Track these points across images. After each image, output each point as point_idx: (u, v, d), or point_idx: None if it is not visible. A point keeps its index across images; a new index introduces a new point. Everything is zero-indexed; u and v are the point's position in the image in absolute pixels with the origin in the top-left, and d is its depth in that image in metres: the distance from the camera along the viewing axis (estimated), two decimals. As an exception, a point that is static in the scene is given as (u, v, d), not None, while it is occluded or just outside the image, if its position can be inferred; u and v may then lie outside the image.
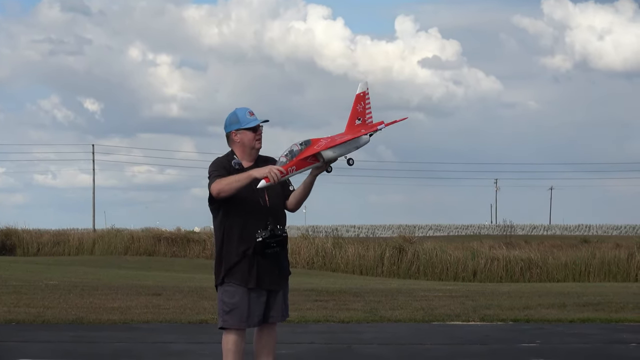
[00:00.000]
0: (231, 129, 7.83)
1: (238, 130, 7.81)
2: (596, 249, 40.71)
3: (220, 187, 7.59)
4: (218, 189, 7.60)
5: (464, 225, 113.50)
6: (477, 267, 39.55)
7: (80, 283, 23.05)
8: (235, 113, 7.86)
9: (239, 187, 7.58)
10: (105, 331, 13.45)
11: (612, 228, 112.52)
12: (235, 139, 7.83)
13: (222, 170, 7.72)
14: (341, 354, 10.99)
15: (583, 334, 13.54)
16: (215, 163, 7.83)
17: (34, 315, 15.01)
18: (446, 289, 24.75)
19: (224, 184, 7.58)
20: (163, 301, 17.97)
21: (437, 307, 17.43)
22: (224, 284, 7.83)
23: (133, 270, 35.91)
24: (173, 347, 11.79)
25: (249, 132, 7.80)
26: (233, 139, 7.84)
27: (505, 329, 14.28)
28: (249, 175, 7.56)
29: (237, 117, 7.82)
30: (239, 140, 7.82)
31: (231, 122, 7.83)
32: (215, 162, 7.84)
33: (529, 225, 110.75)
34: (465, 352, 11.53)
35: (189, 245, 51.25)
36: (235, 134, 7.83)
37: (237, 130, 7.82)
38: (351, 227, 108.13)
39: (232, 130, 7.83)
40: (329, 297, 19.28)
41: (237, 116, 7.83)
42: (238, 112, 7.86)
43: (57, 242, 54.46)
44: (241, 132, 7.81)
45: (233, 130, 7.82)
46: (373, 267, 41.12)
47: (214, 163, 7.83)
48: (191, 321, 14.72)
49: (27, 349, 11.33)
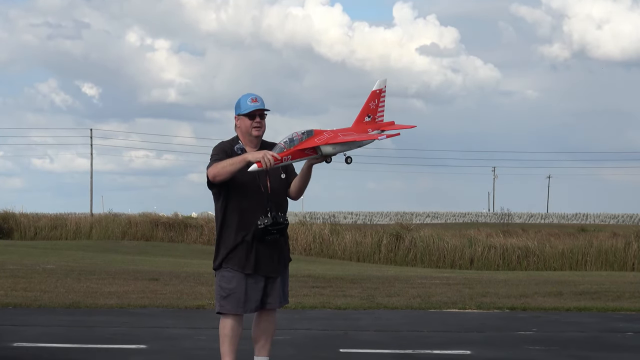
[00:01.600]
0: (235, 113, 7.89)
1: (239, 115, 7.83)
2: (593, 238, 40.71)
3: (216, 171, 7.61)
4: (214, 172, 7.62)
5: (461, 213, 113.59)
6: (474, 255, 39.55)
7: (77, 267, 23.05)
8: (240, 98, 7.88)
9: (233, 171, 7.57)
10: (102, 316, 13.46)
11: (609, 217, 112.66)
12: (237, 123, 7.90)
13: (222, 154, 7.73)
14: (338, 340, 10.99)
15: (579, 323, 13.56)
16: (217, 147, 7.86)
17: (31, 299, 15.02)
18: (443, 276, 24.77)
19: (219, 167, 7.60)
20: (160, 286, 17.97)
21: (434, 295, 17.44)
22: (221, 269, 7.85)
23: (130, 255, 35.91)
24: (170, 332, 11.80)
25: (246, 119, 7.82)
26: (236, 123, 7.90)
27: (502, 317, 14.30)
28: (243, 158, 7.56)
29: (240, 102, 7.85)
30: (239, 126, 7.88)
31: (236, 107, 7.89)
32: (218, 146, 7.87)
33: (526, 214, 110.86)
34: (461, 339, 11.54)
35: (186, 230, 51.25)
36: (237, 118, 7.88)
37: (238, 115, 7.85)
38: (349, 213, 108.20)
39: (235, 114, 7.88)
40: (326, 284, 19.29)
41: (240, 101, 7.86)
42: (242, 98, 7.88)
43: (55, 226, 54.44)
44: (241, 118, 7.85)
45: (236, 115, 7.87)
46: (370, 254, 41.12)
47: (216, 147, 7.86)
48: (188, 306, 14.73)
49: (23, 333, 11.34)
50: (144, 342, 10.70)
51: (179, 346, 10.58)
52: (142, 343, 10.66)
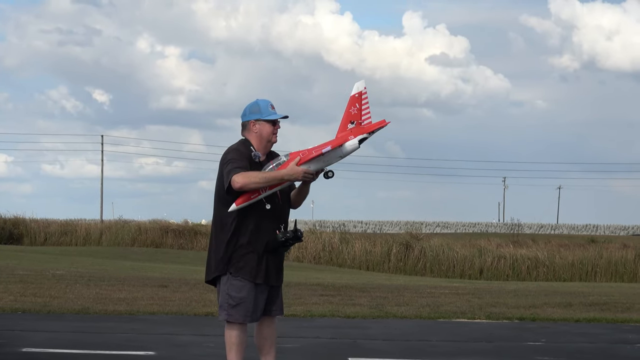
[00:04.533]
0: (250, 117, 7.71)
1: (257, 121, 7.70)
2: (603, 249, 40.64)
3: (247, 181, 7.41)
4: (244, 182, 7.42)
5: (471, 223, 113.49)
6: (483, 265, 39.51)
7: (86, 273, 23.09)
8: (257, 103, 7.75)
9: (264, 185, 7.47)
10: (111, 322, 13.47)
11: (619, 228, 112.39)
12: (253, 128, 7.72)
13: (245, 161, 7.56)
14: (347, 348, 10.98)
15: (589, 334, 13.52)
16: (235, 151, 7.64)
17: (40, 305, 15.04)
18: (452, 286, 24.73)
19: (252, 178, 7.41)
20: (169, 293, 17.99)
21: (443, 304, 17.41)
22: (230, 277, 7.80)
23: (140, 261, 35.95)
24: (178, 339, 11.81)
25: (268, 125, 7.69)
26: (251, 128, 7.72)
27: (511, 327, 14.27)
28: (281, 177, 7.45)
29: (259, 107, 7.71)
30: (257, 131, 7.70)
31: (252, 111, 7.71)
32: (236, 150, 7.65)
33: (536, 224, 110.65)
34: (470, 349, 11.53)
35: (196, 237, 51.31)
36: (254, 123, 7.71)
37: (256, 120, 7.71)
38: (358, 222, 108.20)
39: (252, 119, 7.71)
40: (335, 292, 19.28)
41: (259, 106, 7.71)
42: (260, 103, 7.74)
43: (65, 232, 54.57)
44: (260, 123, 7.70)
45: (252, 120, 7.72)
46: (379, 263, 41.10)
47: (234, 151, 7.64)
48: (197, 313, 14.73)
49: (32, 338, 11.36)
50: (153, 349, 10.71)
51: (188, 353, 10.59)
52: (151, 350, 10.66)
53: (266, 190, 7.55)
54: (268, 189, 7.54)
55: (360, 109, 7.62)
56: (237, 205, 7.53)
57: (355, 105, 7.62)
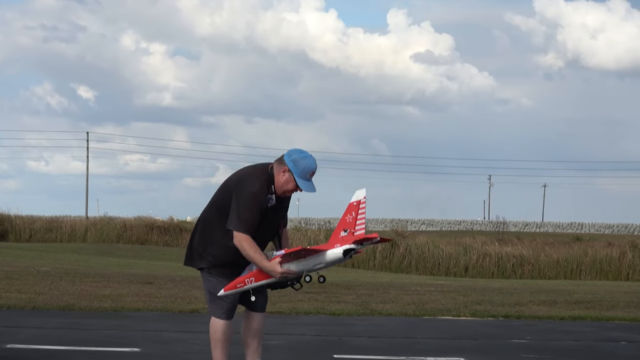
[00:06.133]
0: (289, 164, 7.57)
1: (290, 173, 7.60)
2: (588, 247, 40.74)
3: (243, 248, 7.46)
4: (240, 246, 7.48)
5: (456, 221, 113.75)
6: (469, 262, 39.56)
7: (72, 270, 23.04)
8: (305, 160, 7.57)
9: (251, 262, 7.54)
10: (96, 318, 13.44)
11: (604, 227, 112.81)
12: (283, 173, 7.60)
13: (256, 213, 7.51)
14: (332, 345, 10.99)
15: (573, 332, 13.57)
16: (254, 196, 7.53)
17: (25, 301, 15.00)
18: (437, 283, 24.77)
19: (247, 250, 7.45)
20: (154, 290, 17.96)
21: (428, 302, 17.45)
22: (206, 273, 7.84)
23: (125, 258, 35.89)
24: (164, 335, 11.79)
25: (294, 183, 7.60)
26: (282, 170, 7.60)
27: (496, 325, 14.30)
28: (265, 269, 7.47)
29: (301, 166, 7.56)
30: (284, 179, 7.60)
31: (295, 162, 7.56)
32: (255, 194, 7.54)
33: (521, 222, 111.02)
34: (455, 346, 11.55)
35: (181, 234, 51.28)
36: (286, 171, 7.60)
37: (290, 171, 7.59)
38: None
39: (289, 167, 7.58)
40: (321, 290, 19.28)
41: (302, 166, 7.56)
42: (306, 164, 7.56)
43: (50, 228, 54.46)
44: (290, 177, 7.59)
45: (286, 168, 7.59)
46: (365, 261, 41.11)
47: (251, 194, 7.52)
48: (182, 310, 14.73)
49: (17, 335, 11.32)
50: (138, 345, 10.70)
51: (173, 350, 10.57)
52: (136, 346, 10.65)
53: (252, 283, 7.62)
54: (255, 281, 7.61)
55: (355, 218, 7.59)
56: (224, 291, 7.64)
57: (351, 213, 7.61)
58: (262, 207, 7.56)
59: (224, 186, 7.78)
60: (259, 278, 7.63)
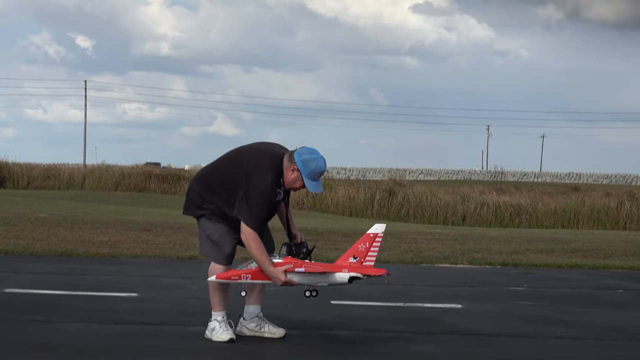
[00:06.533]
0: (298, 164, 7.60)
1: (299, 172, 7.61)
2: (586, 197, 40.80)
3: (250, 245, 7.52)
4: (246, 240, 7.54)
5: (454, 170, 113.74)
6: (466, 211, 39.63)
7: (70, 217, 23.04)
8: (315, 162, 7.60)
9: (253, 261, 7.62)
10: (94, 264, 13.46)
11: (602, 177, 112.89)
12: (292, 170, 7.62)
13: (266, 208, 7.58)
14: (328, 293, 11.00)
15: (570, 279, 13.60)
16: (265, 193, 7.56)
17: (23, 247, 15.02)
18: (435, 232, 24.81)
19: (252, 249, 7.51)
20: (152, 236, 17.98)
21: (426, 250, 17.48)
22: (205, 219, 7.81)
23: (123, 205, 35.90)
24: (162, 281, 11.81)
25: (300, 182, 7.63)
26: (291, 167, 7.62)
27: (493, 273, 14.33)
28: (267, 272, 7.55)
29: (310, 167, 7.59)
30: (292, 176, 7.63)
31: (304, 162, 7.60)
32: (265, 190, 7.56)
33: (519, 172, 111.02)
34: (452, 293, 11.57)
35: (179, 182, 51.26)
36: (295, 170, 7.62)
37: (299, 171, 7.61)
38: (342, 169, 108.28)
39: (298, 166, 7.61)
40: (319, 237, 19.31)
41: (312, 167, 7.59)
42: (316, 165, 7.60)
43: (48, 176, 54.43)
44: (298, 176, 7.62)
45: (296, 167, 7.61)
46: (363, 209, 41.17)
47: (263, 192, 7.55)
48: (180, 257, 14.75)
49: (15, 279, 11.33)
50: (136, 291, 10.71)
51: (171, 295, 10.59)
52: (134, 291, 10.66)
53: (247, 279, 7.66)
54: (251, 278, 7.65)
55: (368, 249, 7.70)
56: (216, 278, 7.67)
57: (365, 243, 7.71)
58: (271, 201, 7.63)
59: (234, 162, 7.71)
60: (256, 277, 7.67)
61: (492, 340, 8.35)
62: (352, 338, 8.13)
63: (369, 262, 7.69)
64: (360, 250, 7.69)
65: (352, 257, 7.68)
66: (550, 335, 8.69)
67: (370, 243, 7.70)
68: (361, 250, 7.69)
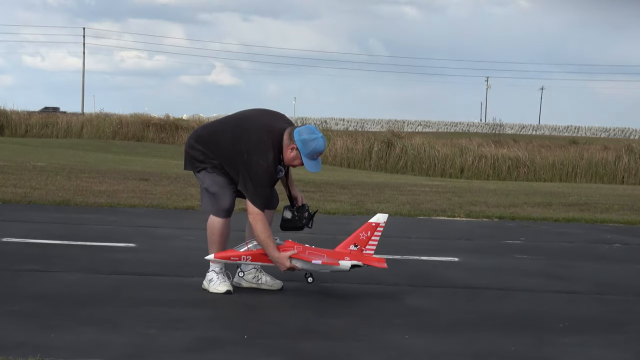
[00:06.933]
0: (298, 143, 7.57)
1: (298, 150, 7.59)
2: (584, 151, 40.79)
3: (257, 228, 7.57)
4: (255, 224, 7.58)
5: (453, 122, 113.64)
6: (464, 164, 39.61)
7: (67, 166, 23.03)
8: (315, 142, 7.58)
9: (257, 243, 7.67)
10: (92, 214, 13.46)
11: (600, 130, 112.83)
12: (290, 150, 7.61)
13: (270, 184, 7.62)
14: (326, 244, 11.01)
15: (567, 233, 13.62)
16: (267, 171, 7.55)
17: (21, 196, 15.01)
18: (433, 184, 24.82)
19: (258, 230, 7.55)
20: (150, 186, 17.98)
21: (424, 202, 17.48)
22: (205, 172, 7.80)
23: (121, 154, 35.87)
24: (159, 232, 11.82)
25: (299, 160, 7.62)
26: (290, 145, 7.60)
27: (490, 226, 14.35)
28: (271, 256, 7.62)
29: (310, 147, 7.57)
30: (290, 155, 7.62)
31: (304, 142, 7.57)
32: (268, 169, 7.55)
33: (518, 125, 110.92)
34: (450, 247, 11.59)
35: (177, 132, 51.24)
36: (294, 149, 7.60)
37: (298, 149, 7.59)
38: (340, 120, 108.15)
39: (297, 145, 7.58)
40: (316, 189, 19.32)
41: (311, 146, 7.57)
42: (316, 145, 7.58)
43: (46, 124, 54.38)
44: (297, 154, 7.60)
45: (295, 145, 7.59)
46: (361, 161, 41.16)
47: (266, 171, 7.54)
48: (178, 207, 14.75)
49: (12, 228, 11.34)
50: (133, 241, 10.72)
51: (168, 245, 10.60)
52: (131, 242, 10.67)
53: (248, 261, 7.73)
54: (251, 260, 7.71)
55: (369, 238, 7.76)
56: (215, 257, 7.71)
57: (367, 232, 7.76)
58: (274, 178, 7.67)
59: (236, 135, 7.66)
60: (257, 259, 7.74)
61: (488, 294, 8.37)
62: (349, 291, 8.15)
63: (369, 251, 7.78)
64: (361, 239, 7.78)
65: (353, 244, 7.77)
66: (546, 289, 8.71)
67: (371, 232, 7.77)
68: (362, 239, 7.77)
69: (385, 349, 6.14)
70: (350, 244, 7.79)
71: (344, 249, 7.78)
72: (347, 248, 7.78)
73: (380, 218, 7.84)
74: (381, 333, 6.61)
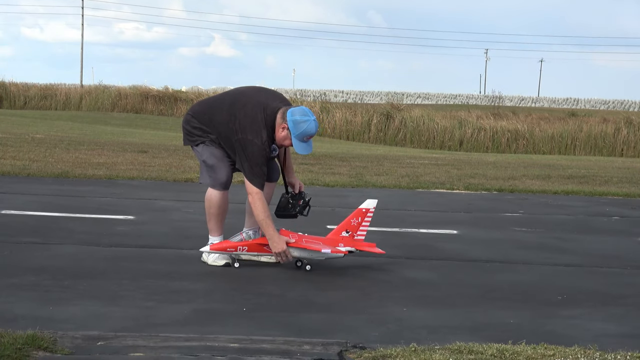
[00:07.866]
0: (290, 123, 7.54)
1: (289, 130, 7.56)
2: (583, 123, 40.76)
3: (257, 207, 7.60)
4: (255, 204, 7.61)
5: (452, 95, 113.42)
6: (463, 136, 39.59)
7: (66, 138, 23.00)
8: (306, 124, 7.55)
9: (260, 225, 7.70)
10: (90, 186, 13.45)
11: (600, 102, 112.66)
12: (281, 129, 7.59)
13: (265, 163, 7.60)
14: (325, 216, 11.03)
15: (566, 206, 13.63)
16: (261, 150, 7.53)
17: (19, 168, 15.00)
18: (432, 157, 24.82)
19: (260, 212, 7.59)
20: (149, 159, 17.96)
21: (422, 175, 17.48)
22: (203, 145, 7.81)
23: (119, 127, 35.84)
24: (158, 204, 11.81)
25: (289, 140, 7.59)
26: (282, 126, 7.58)
27: (489, 198, 14.35)
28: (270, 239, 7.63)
29: (301, 128, 7.54)
30: (281, 135, 7.60)
31: (295, 123, 7.54)
32: (262, 148, 7.54)
33: (517, 97, 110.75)
34: (448, 219, 11.59)
35: (176, 104, 51.19)
36: (285, 128, 7.57)
37: (289, 129, 7.55)
38: (339, 92, 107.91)
39: (289, 125, 7.55)
40: (315, 161, 19.31)
41: (303, 128, 7.55)
42: (308, 127, 7.55)
43: (45, 96, 54.30)
44: (288, 133, 7.57)
45: (287, 125, 7.56)
46: (360, 133, 41.13)
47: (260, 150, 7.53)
48: (176, 179, 14.74)
49: (11, 200, 11.33)
50: (132, 213, 10.71)
51: (167, 218, 10.60)
52: (130, 214, 10.67)
53: (244, 252, 7.76)
54: (247, 250, 7.76)
55: (360, 224, 7.88)
56: (211, 249, 7.72)
57: (358, 218, 7.87)
58: (268, 157, 7.68)
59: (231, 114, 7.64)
60: (253, 249, 7.78)
61: (487, 266, 8.38)
62: (348, 263, 8.16)
63: (360, 237, 7.90)
64: (352, 225, 7.88)
65: (345, 231, 7.88)
66: (545, 261, 8.72)
67: (362, 218, 7.89)
68: (353, 225, 7.88)
69: (384, 321, 6.15)
70: (342, 230, 7.89)
71: (337, 235, 7.88)
72: (339, 234, 7.88)
73: (370, 204, 7.94)
74: (380, 306, 6.62)
